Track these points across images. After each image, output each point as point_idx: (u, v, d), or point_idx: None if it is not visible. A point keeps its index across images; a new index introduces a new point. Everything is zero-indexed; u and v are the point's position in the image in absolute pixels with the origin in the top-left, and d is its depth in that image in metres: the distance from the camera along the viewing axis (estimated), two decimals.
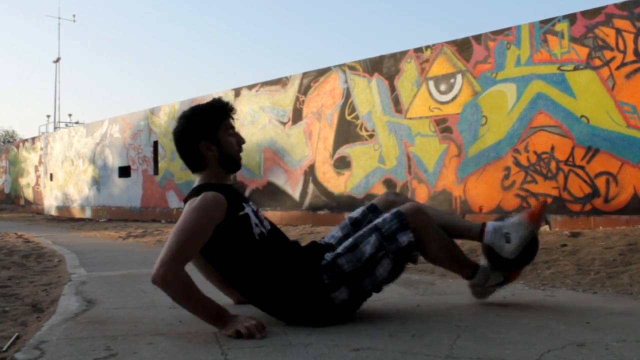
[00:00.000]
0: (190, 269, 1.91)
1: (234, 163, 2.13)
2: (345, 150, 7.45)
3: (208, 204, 1.93)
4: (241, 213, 2.01)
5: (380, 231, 2.05)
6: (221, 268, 2.06)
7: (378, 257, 2.02)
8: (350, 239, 2.09)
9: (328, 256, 2.06)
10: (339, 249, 2.07)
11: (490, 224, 2.23)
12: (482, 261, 2.30)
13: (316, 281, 1.99)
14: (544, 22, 5.58)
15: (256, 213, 2.08)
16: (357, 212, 2.31)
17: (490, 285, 2.27)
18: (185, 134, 2.09)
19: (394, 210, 2.11)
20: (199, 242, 1.92)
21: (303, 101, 8.10)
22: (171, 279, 1.82)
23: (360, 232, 2.10)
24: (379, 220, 2.11)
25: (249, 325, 1.80)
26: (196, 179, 2.13)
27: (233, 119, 2.14)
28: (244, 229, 2.00)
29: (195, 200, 1.95)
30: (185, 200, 2.04)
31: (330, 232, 2.32)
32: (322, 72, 7.88)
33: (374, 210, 2.29)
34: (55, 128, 29.48)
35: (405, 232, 2.04)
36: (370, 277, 2.02)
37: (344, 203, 7.39)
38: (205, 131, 2.06)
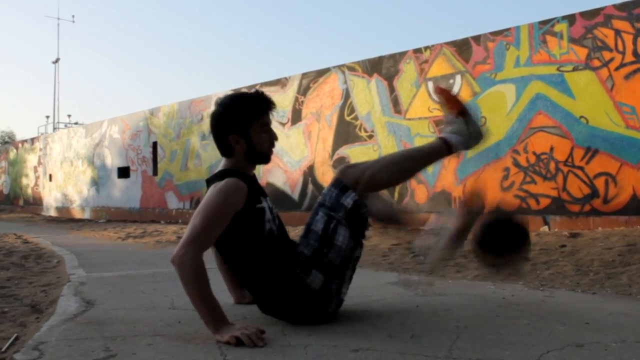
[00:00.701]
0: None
1: (262, 158, 2.13)
2: (345, 150, 7.45)
3: (231, 188, 1.94)
4: (259, 206, 2.02)
5: (324, 205, 2.07)
6: (227, 257, 2.06)
7: (331, 228, 2.02)
8: (304, 226, 2.11)
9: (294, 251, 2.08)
10: (297, 240, 2.10)
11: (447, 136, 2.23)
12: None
13: (293, 277, 2.00)
14: (543, 22, 5.59)
15: (271, 210, 2.08)
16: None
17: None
18: (218, 122, 2.08)
19: (331, 180, 2.14)
20: (221, 225, 1.92)
21: (302, 102, 8.11)
22: (187, 261, 1.82)
23: (310, 215, 2.11)
24: (320, 197, 2.13)
25: (249, 333, 1.77)
26: (221, 163, 2.13)
27: (271, 114, 2.12)
28: (257, 221, 2.00)
29: (219, 185, 1.95)
30: (208, 182, 2.05)
31: None
32: (322, 73, 7.88)
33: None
34: (54, 129, 29.46)
35: (346, 194, 2.06)
36: (333, 249, 2.02)
37: None
38: (238, 124, 2.05)
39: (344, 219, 2.03)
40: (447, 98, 2.29)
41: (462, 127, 2.23)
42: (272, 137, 2.13)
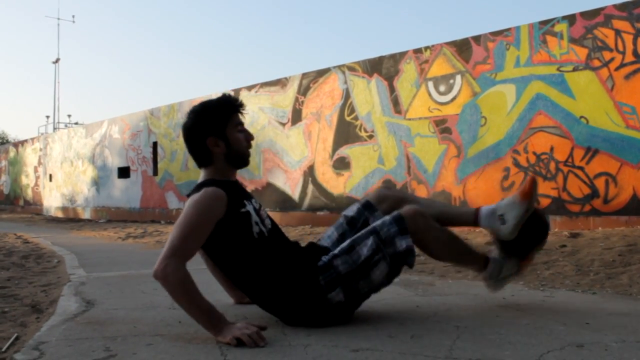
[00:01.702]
0: (193, 269, 1.91)
1: (241, 159, 2.13)
2: (345, 151, 7.45)
3: (208, 198, 1.94)
4: (242, 210, 2.01)
5: (379, 234, 2.03)
6: (220, 264, 2.06)
7: (374, 260, 2.01)
8: (348, 240, 2.07)
9: (325, 258, 2.05)
10: (336, 250, 2.06)
11: (485, 208, 2.24)
12: (494, 253, 2.29)
13: (312, 282, 1.99)
14: (543, 22, 5.59)
15: (258, 211, 2.08)
16: (352, 210, 2.29)
17: (505, 276, 2.26)
18: (193, 129, 2.09)
19: (394, 213, 2.09)
20: (200, 237, 1.92)
21: (302, 102, 8.11)
22: (170, 273, 1.81)
23: (359, 234, 2.08)
24: (377, 222, 2.09)
25: (250, 332, 1.76)
26: (200, 175, 2.13)
27: (242, 114, 2.13)
28: (243, 226, 1.99)
29: (196, 196, 1.96)
30: (188, 197, 2.05)
31: (325, 232, 2.31)
32: (322, 73, 7.88)
33: (369, 208, 2.27)
34: (54, 129, 29.47)
35: (404, 237, 2.02)
36: (366, 279, 2.01)
37: (344, 204, 7.38)
38: (213, 127, 2.06)
39: (390, 257, 2.02)
40: (532, 189, 2.23)
41: (520, 214, 2.18)
42: (248, 137, 2.13)
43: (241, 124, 2.13)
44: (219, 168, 2.10)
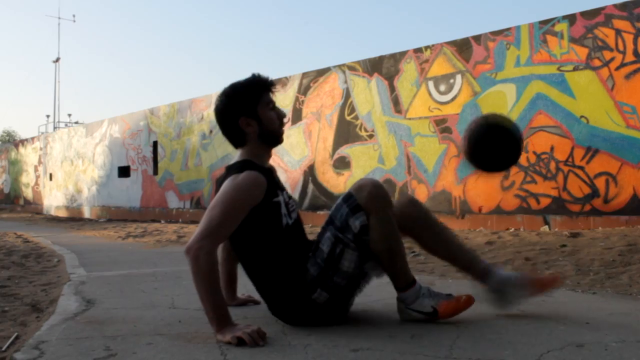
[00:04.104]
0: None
1: (275, 138, 2.09)
2: (345, 150, 7.45)
3: (251, 182, 1.90)
4: (275, 199, 1.98)
5: (334, 223, 1.98)
6: (241, 251, 2.03)
7: (337, 253, 1.94)
8: (316, 238, 2.04)
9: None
10: (311, 252, 2.02)
11: (493, 281, 2.09)
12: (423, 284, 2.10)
13: (303, 282, 1.97)
14: (544, 22, 5.59)
15: (287, 203, 2.04)
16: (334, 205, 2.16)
17: (415, 309, 2.02)
18: (224, 110, 2.06)
19: (346, 192, 2.02)
20: (237, 220, 1.88)
21: (303, 101, 8.10)
22: (202, 255, 1.78)
23: (321, 228, 2.04)
24: (332, 209, 2.03)
25: (250, 332, 1.75)
26: (236, 154, 2.09)
27: (273, 93, 2.10)
28: (273, 216, 1.97)
29: (238, 177, 1.91)
30: (224, 175, 2.00)
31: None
32: (322, 73, 7.88)
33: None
34: (54, 128, 29.47)
35: (356, 216, 1.94)
36: (338, 273, 1.95)
37: None
38: (245, 107, 2.03)
39: (352, 241, 1.94)
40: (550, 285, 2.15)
41: (519, 295, 2.08)
42: (280, 115, 2.10)
43: (272, 102, 2.08)
44: (254, 148, 2.06)
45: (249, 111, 2.03)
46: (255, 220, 1.93)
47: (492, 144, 2.14)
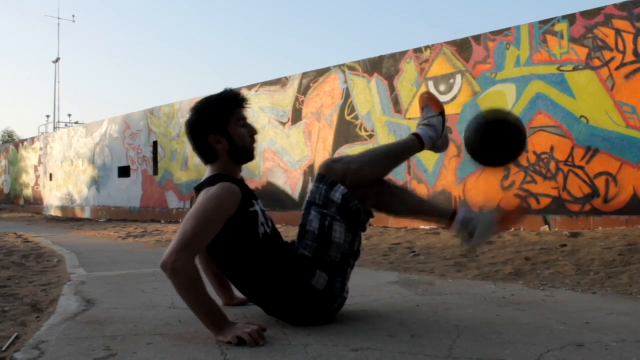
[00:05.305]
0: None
1: (245, 155, 2.10)
2: (345, 150, 7.45)
3: (225, 193, 1.90)
4: (251, 209, 1.99)
5: (315, 203, 2.05)
6: (221, 262, 2.03)
7: (327, 226, 2.01)
8: (298, 228, 2.08)
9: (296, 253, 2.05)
10: (296, 243, 2.07)
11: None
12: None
13: (296, 279, 1.98)
14: (544, 22, 5.59)
15: (264, 212, 2.07)
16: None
17: (480, 233, 2.20)
18: (194, 126, 2.06)
19: (315, 177, 2.11)
20: (213, 232, 1.87)
21: (303, 101, 8.11)
22: (180, 268, 1.77)
23: (302, 216, 2.09)
24: (308, 195, 2.10)
25: (250, 331, 1.75)
26: (207, 170, 2.10)
27: (245, 109, 2.09)
28: (250, 226, 1.97)
29: (212, 189, 1.91)
30: (198, 190, 2.01)
31: None
32: (322, 73, 7.88)
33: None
34: (54, 128, 29.48)
35: (335, 189, 2.04)
36: (332, 247, 2.00)
37: None
38: (215, 124, 2.02)
39: (337, 214, 2.02)
40: (433, 99, 2.37)
41: (439, 125, 2.32)
42: (251, 131, 2.09)
43: (244, 118, 2.08)
44: (224, 164, 2.07)
45: (219, 128, 2.02)
46: (234, 231, 1.93)
47: (494, 137, 2.25)
